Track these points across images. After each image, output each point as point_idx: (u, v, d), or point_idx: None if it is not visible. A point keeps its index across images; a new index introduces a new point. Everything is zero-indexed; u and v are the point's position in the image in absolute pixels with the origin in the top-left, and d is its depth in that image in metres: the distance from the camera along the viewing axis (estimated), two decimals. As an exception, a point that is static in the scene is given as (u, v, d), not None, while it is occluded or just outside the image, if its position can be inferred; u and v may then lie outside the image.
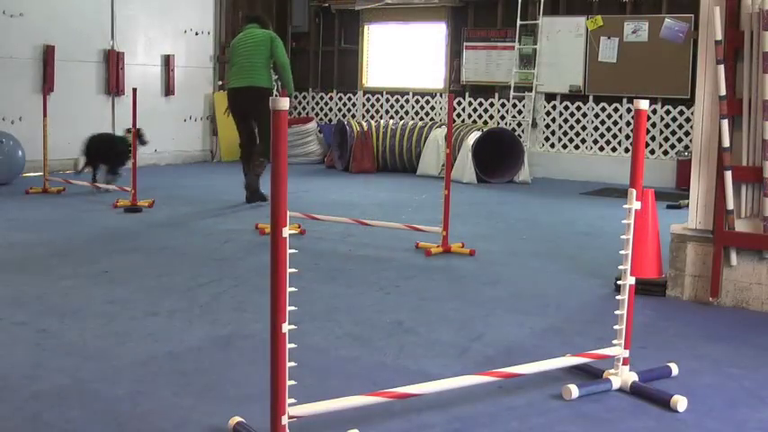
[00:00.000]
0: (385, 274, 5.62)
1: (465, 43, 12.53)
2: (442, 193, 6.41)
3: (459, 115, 12.62)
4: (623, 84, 11.31)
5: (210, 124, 13.01)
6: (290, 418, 2.80)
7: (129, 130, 8.90)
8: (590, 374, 3.66)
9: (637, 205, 3.49)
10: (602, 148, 11.71)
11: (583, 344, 4.05)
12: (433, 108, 13.04)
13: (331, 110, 13.88)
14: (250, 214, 7.86)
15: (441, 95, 12.91)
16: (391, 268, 5.83)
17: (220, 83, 13.07)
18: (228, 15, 13.14)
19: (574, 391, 3.41)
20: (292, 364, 2.77)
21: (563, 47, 11.70)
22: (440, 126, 11.66)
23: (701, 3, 4.96)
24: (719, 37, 4.74)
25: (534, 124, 12.04)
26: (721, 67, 4.73)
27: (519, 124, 12.18)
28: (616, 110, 11.54)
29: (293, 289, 2.74)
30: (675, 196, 9.53)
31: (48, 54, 10.65)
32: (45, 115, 9.05)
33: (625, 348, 3.56)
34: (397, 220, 7.21)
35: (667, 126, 11.21)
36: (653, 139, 11.24)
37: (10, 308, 4.57)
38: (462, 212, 8.08)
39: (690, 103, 10.30)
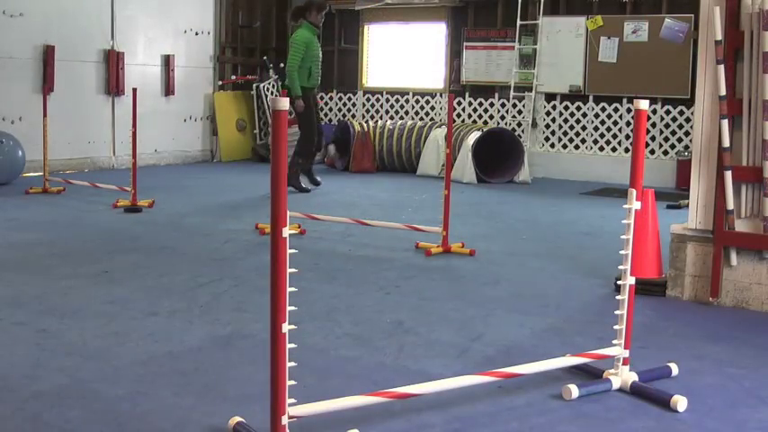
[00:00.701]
0: (385, 274, 5.62)
1: (465, 43, 12.52)
2: (442, 193, 6.40)
3: (459, 115, 12.61)
4: (623, 84, 11.30)
5: (210, 124, 13.00)
6: (290, 418, 2.80)
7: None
8: (590, 374, 3.66)
9: (637, 205, 3.49)
10: (602, 148, 11.70)
11: (583, 344, 4.05)
12: (433, 108, 13.03)
13: (331, 110, 13.87)
14: (250, 214, 7.86)
15: (441, 95, 12.90)
16: (391, 268, 5.83)
17: (220, 83, 13.07)
18: (228, 15, 13.14)
19: (574, 391, 3.41)
20: (292, 364, 2.77)
21: (563, 47, 11.69)
22: (440, 126, 11.65)
23: (701, 3, 4.96)
24: (719, 37, 4.73)
25: (534, 124, 12.03)
26: (721, 67, 4.73)
27: (519, 124, 12.17)
28: (616, 110, 11.54)
29: (293, 289, 2.74)
30: (675, 196, 9.52)
31: (48, 54, 10.64)
32: (45, 115, 9.04)
33: (625, 348, 3.56)
34: (397, 220, 7.21)
35: (667, 126, 11.21)
36: (653, 139, 11.23)
37: (10, 308, 4.57)
38: (462, 212, 8.08)
39: (690, 103, 10.29)
